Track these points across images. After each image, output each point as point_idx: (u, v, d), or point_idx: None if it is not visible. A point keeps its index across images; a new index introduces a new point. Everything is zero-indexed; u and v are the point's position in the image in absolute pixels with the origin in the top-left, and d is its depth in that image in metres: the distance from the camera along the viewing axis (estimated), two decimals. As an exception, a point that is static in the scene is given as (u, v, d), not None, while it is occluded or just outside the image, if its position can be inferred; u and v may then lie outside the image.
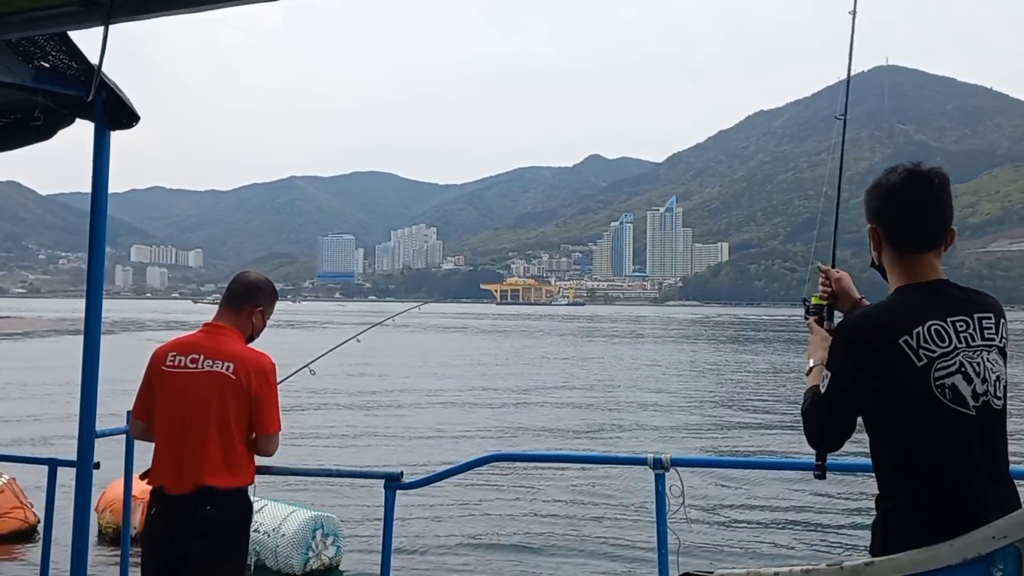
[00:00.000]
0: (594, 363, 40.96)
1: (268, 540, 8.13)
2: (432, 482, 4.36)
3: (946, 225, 2.36)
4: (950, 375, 2.21)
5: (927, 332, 2.22)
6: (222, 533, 3.45)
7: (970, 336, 2.26)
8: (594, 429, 19.39)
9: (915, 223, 2.34)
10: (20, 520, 9.40)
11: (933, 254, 2.35)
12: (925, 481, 2.24)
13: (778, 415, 22.20)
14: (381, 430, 18.87)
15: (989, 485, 2.26)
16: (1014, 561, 1.65)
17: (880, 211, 2.41)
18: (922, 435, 2.24)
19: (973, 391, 2.22)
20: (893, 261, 2.40)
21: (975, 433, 2.22)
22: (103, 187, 3.66)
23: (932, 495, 2.23)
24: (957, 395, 2.21)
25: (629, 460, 4.39)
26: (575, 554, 9.49)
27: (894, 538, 2.22)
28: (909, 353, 2.20)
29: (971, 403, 2.22)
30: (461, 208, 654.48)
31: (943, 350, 2.22)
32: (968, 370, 2.23)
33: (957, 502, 2.21)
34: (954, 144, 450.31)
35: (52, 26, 3.11)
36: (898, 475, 2.29)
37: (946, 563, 1.71)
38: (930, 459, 2.25)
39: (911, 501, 2.25)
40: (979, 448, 2.23)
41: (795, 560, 9.15)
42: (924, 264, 2.34)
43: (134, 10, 2.94)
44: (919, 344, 2.21)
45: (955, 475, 2.23)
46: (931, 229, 2.35)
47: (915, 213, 2.34)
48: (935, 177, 2.34)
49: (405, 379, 30.67)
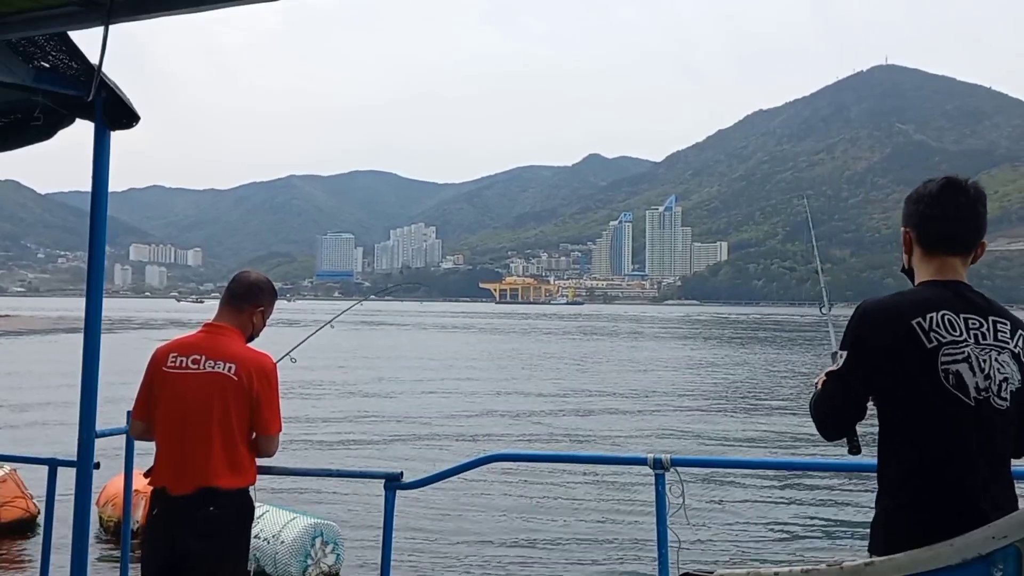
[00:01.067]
0: (593, 362, 40.97)
1: (268, 547, 8.16)
2: (432, 482, 4.35)
3: (976, 233, 2.46)
4: (956, 362, 2.28)
5: (939, 319, 2.31)
6: (223, 533, 3.45)
7: (981, 334, 2.33)
8: (594, 429, 19.39)
9: (944, 225, 2.44)
10: (22, 509, 9.54)
11: (960, 259, 2.45)
12: (925, 477, 2.28)
13: (778, 415, 22.21)
14: (381, 430, 18.87)
15: (990, 484, 2.28)
16: (1014, 561, 1.65)
17: (914, 213, 2.51)
18: (924, 421, 2.30)
19: (976, 384, 2.28)
20: (921, 261, 2.50)
21: (973, 425, 2.27)
22: (103, 187, 3.66)
23: (931, 489, 2.27)
24: (960, 382, 2.28)
25: (629, 460, 4.38)
26: (575, 554, 9.49)
27: (895, 535, 2.26)
28: (920, 334, 2.29)
29: (972, 394, 2.28)
30: (460, 207, 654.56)
31: (953, 338, 2.30)
32: (974, 363, 2.29)
33: (955, 498, 2.24)
34: (953, 144, 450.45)
35: (52, 26, 3.10)
36: (899, 471, 2.33)
37: (946, 563, 1.71)
38: (930, 446, 2.30)
39: (912, 498, 2.29)
40: (978, 443, 2.27)
41: (795, 560, 9.16)
42: (949, 266, 2.45)
43: (134, 10, 2.94)
44: (931, 327, 2.30)
45: (953, 467, 2.27)
46: (959, 232, 2.45)
47: (944, 215, 2.44)
48: (971, 188, 2.46)
49: (405, 379, 30.66)
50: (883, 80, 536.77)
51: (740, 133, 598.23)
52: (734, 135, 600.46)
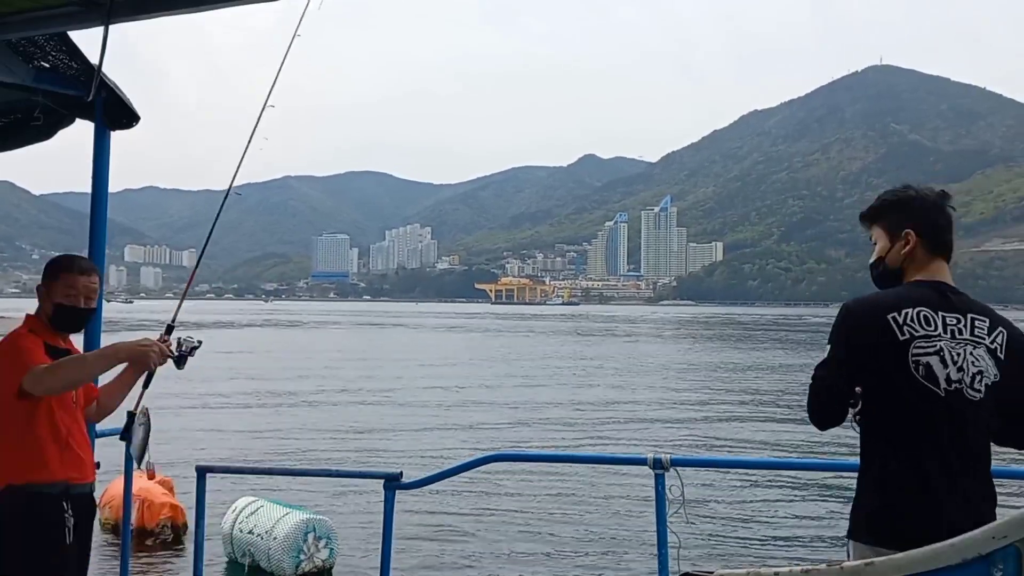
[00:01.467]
0: (590, 362, 40.98)
1: (261, 542, 8.25)
2: (432, 482, 4.36)
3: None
4: (926, 355, 2.42)
5: (915, 314, 2.45)
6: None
7: (957, 330, 2.46)
8: (594, 429, 19.40)
9: (948, 234, 2.67)
10: None
11: (947, 263, 2.65)
12: (900, 468, 2.41)
13: (779, 414, 22.24)
14: (382, 429, 18.85)
15: (960, 476, 2.38)
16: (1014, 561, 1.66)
17: (923, 220, 2.65)
18: (894, 409, 2.44)
19: (947, 376, 2.41)
20: (918, 263, 2.64)
21: (944, 416, 2.39)
22: (103, 187, 3.66)
23: (905, 481, 2.39)
24: (930, 374, 2.40)
25: (629, 460, 4.40)
26: (575, 554, 9.50)
27: (879, 532, 2.39)
28: (894, 327, 2.43)
29: (943, 385, 2.40)
30: (455, 208, 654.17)
31: (926, 332, 2.44)
32: (946, 356, 2.42)
33: (924, 490, 2.36)
34: (948, 144, 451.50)
35: (52, 26, 3.10)
36: (879, 464, 2.47)
37: (946, 563, 1.72)
38: (903, 437, 2.42)
39: (889, 492, 2.42)
40: (949, 436, 2.39)
41: (795, 560, 9.17)
42: (939, 269, 2.62)
43: (134, 10, 2.94)
44: (905, 322, 2.44)
45: (925, 459, 2.38)
46: (951, 239, 2.68)
47: (949, 224, 2.68)
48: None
49: (404, 379, 30.65)
50: (878, 80, 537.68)
51: (735, 133, 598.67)
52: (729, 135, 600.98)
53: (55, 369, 3.16)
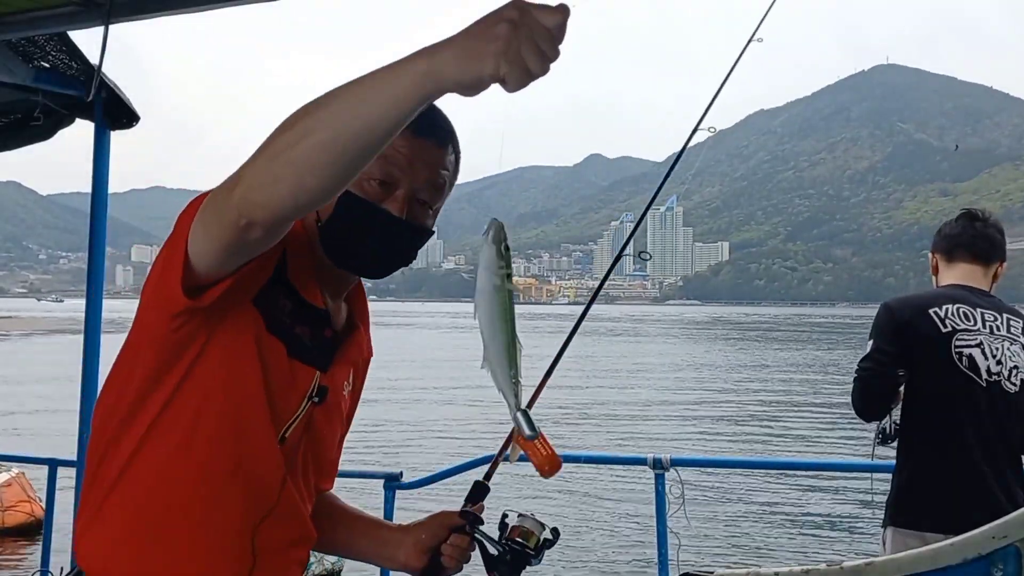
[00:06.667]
0: (593, 361, 40.95)
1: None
2: (432, 482, 4.36)
3: (994, 248, 2.90)
4: (969, 347, 2.56)
5: (954, 310, 2.62)
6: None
7: (995, 327, 2.61)
8: (593, 429, 19.40)
9: (961, 239, 2.86)
10: (27, 514, 9.52)
11: (981, 269, 2.82)
12: (940, 448, 2.52)
13: (779, 414, 22.21)
14: (381, 429, 18.87)
15: (1002, 462, 2.50)
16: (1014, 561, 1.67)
17: (937, 241, 2.92)
18: (939, 398, 2.57)
19: (988, 368, 2.55)
20: (946, 273, 2.87)
21: (986, 405, 2.52)
22: (103, 187, 3.67)
23: (946, 463, 2.50)
24: (973, 364, 2.55)
25: (629, 460, 4.40)
26: (576, 554, 9.49)
27: (913, 509, 2.51)
28: (936, 320, 2.59)
29: (984, 376, 2.54)
30: (461, 208, 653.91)
31: (967, 326, 2.59)
32: (986, 349, 2.56)
33: (969, 472, 2.46)
34: (954, 143, 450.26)
35: (52, 26, 3.11)
36: (921, 450, 2.56)
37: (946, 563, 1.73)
38: (944, 422, 2.54)
39: (930, 474, 2.52)
40: (989, 421, 2.52)
41: (795, 560, 9.16)
42: (973, 274, 2.81)
43: (134, 10, 2.95)
44: (947, 316, 2.60)
45: (970, 445, 2.48)
46: (977, 244, 2.86)
47: (963, 231, 2.87)
48: (988, 215, 2.95)
49: (404, 378, 30.67)
50: (884, 80, 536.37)
51: (741, 133, 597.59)
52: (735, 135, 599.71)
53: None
